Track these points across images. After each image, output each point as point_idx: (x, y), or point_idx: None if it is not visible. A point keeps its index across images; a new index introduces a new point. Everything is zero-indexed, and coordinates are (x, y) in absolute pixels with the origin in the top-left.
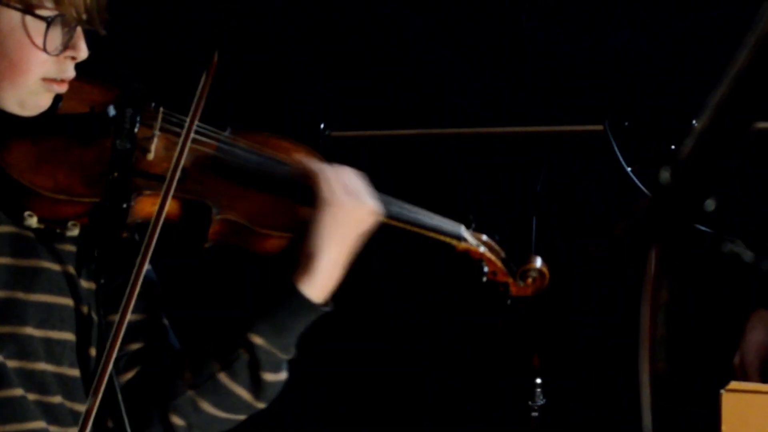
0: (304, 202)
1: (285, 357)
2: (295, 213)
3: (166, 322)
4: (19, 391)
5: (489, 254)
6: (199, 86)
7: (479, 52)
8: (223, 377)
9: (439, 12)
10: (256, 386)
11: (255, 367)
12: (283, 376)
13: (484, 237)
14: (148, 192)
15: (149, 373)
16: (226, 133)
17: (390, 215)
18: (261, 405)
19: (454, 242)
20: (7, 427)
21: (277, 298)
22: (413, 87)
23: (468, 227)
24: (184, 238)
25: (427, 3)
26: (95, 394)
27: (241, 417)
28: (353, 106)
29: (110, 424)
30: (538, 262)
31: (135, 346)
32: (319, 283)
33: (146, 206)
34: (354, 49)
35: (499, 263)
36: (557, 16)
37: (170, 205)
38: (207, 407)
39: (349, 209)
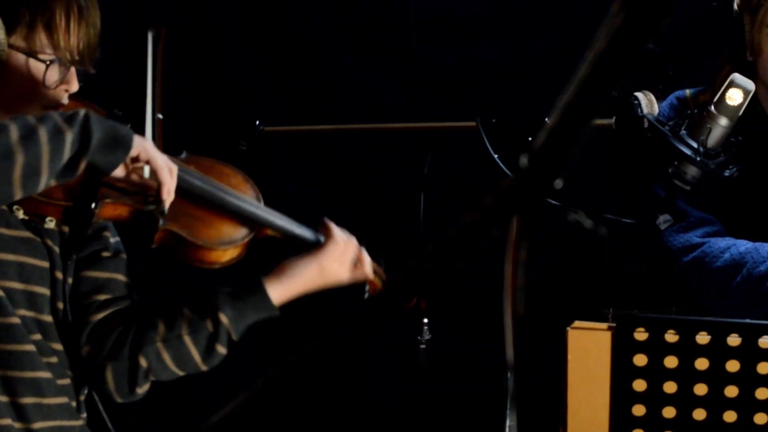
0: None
1: (234, 338)
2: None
3: (129, 280)
4: (15, 319)
5: (374, 279)
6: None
7: (382, 65)
8: (187, 339)
9: (350, 31)
10: (209, 354)
11: (214, 339)
12: (226, 351)
13: (372, 263)
14: (109, 201)
15: (120, 317)
16: (182, 156)
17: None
18: (204, 368)
19: None
20: (9, 347)
21: (246, 290)
22: (331, 92)
23: None
24: (136, 238)
25: (340, 26)
26: None
27: (183, 374)
28: (283, 105)
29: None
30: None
31: (103, 297)
32: (282, 292)
33: (109, 211)
34: (286, 61)
35: (380, 285)
36: (441, 35)
37: (126, 212)
38: (167, 359)
39: (336, 272)
